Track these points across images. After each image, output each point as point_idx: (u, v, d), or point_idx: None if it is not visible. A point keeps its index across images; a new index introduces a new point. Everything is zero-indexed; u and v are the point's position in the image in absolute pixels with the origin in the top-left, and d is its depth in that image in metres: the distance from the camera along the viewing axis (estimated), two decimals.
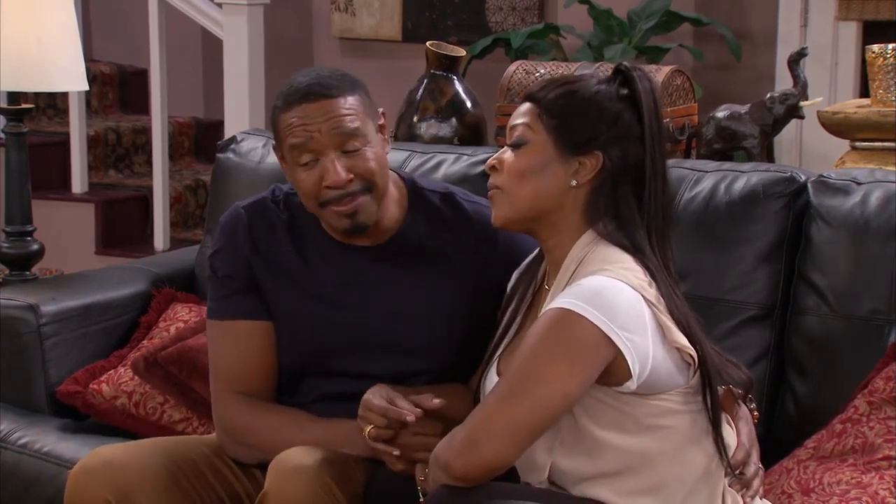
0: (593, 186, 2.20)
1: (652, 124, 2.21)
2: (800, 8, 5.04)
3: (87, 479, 2.40)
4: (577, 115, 2.21)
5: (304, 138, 2.40)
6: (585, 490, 2.16)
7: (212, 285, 2.55)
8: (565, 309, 2.08)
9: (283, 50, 5.77)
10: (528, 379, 2.07)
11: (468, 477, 2.06)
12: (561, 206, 2.21)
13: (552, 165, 2.20)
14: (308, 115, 2.40)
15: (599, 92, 2.22)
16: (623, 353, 2.07)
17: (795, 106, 3.50)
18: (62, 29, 3.43)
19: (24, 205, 3.50)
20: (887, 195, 2.68)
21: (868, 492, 2.35)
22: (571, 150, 2.19)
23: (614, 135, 2.19)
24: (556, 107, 2.22)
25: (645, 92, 2.21)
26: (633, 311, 2.09)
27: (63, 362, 3.06)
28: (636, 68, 2.25)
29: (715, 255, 2.75)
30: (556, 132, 2.20)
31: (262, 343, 2.51)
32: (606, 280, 2.11)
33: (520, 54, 4.93)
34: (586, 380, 2.08)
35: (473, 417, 2.09)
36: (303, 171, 2.42)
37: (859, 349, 2.61)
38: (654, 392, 2.13)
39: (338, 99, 2.42)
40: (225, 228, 2.55)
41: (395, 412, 2.29)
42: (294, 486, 2.26)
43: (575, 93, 2.22)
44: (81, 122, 5.33)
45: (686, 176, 2.85)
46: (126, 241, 5.39)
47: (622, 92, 2.22)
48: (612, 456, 2.14)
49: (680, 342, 2.13)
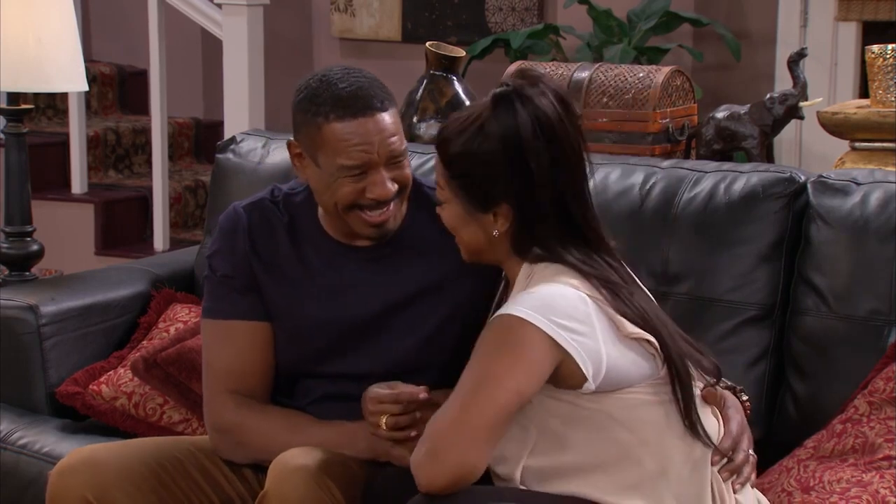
0: (514, 230, 2.23)
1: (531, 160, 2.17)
2: (799, 8, 5.04)
3: (67, 477, 2.39)
4: (474, 174, 2.22)
5: (362, 161, 2.37)
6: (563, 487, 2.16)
7: (209, 285, 2.55)
8: (510, 315, 2.11)
9: (282, 50, 5.77)
10: (477, 381, 2.09)
11: (433, 487, 2.07)
12: (493, 249, 2.26)
13: (469, 223, 2.26)
14: (366, 134, 2.36)
15: (479, 142, 2.20)
16: (571, 354, 2.09)
17: (795, 106, 3.50)
18: (62, 29, 3.43)
19: (23, 205, 3.50)
20: (887, 196, 2.68)
21: (868, 490, 2.35)
22: (480, 208, 2.23)
23: (514, 182, 2.19)
24: (455, 167, 2.24)
25: (524, 122, 2.17)
26: (578, 312, 2.12)
27: (62, 363, 3.06)
28: (514, 86, 2.20)
29: (714, 255, 2.75)
30: (461, 194, 2.24)
31: (259, 343, 2.51)
32: (549, 286, 2.15)
33: (519, 55, 4.93)
34: (536, 376, 2.10)
35: (431, 427, 2.10)
36: (345, 181, 2.39)
37: (859, 349, 2.61)
38: (622, 387, 2.15)
39: (389, 112, 2.40)
40: (224, 228, 2.55)
41: (406, 393, 2.31)
42: (294, 486, 2.26)
43: (467, 150, 2.21)
44: (81, 122, 5.32)
45: (685, 176, 2.85)
46: (125, 242, 5.39)
47: (507, 124, 2.19)
48: (588, 449, 2.15)
49: (634, 331, 2.15)
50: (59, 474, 2.41)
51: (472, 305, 2.46)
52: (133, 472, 2.40)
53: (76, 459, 2.42)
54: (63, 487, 2.39)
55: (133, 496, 2.39)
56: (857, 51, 4.93)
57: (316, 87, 2.39)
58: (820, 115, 3.60)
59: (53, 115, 5.87)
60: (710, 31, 5.05)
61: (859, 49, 4.88)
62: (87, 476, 2.38)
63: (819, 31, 5.00)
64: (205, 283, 2.57)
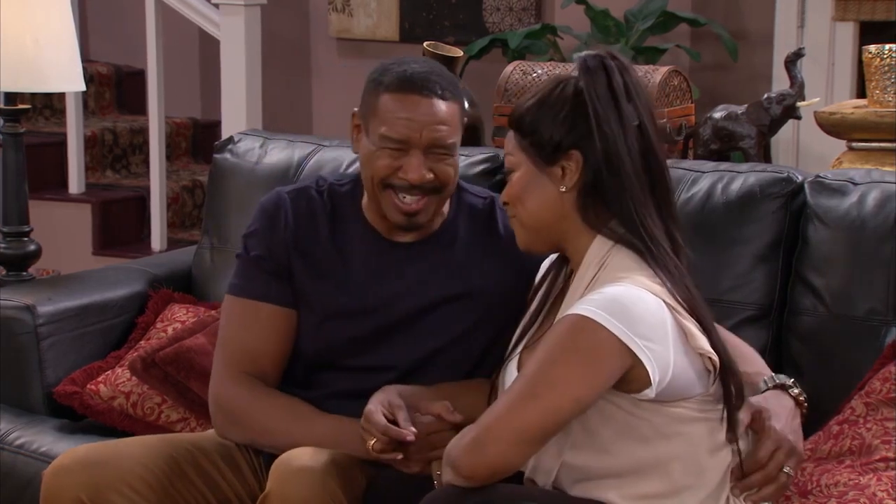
0: (583, 185, 2.20)
1: (605, 109, 2.16)
2: (797, 8, 5.04)
3: (61, 477, 2.39)
4: (542, 124, 2.21)
5: (402, 136, 2.39)
6: (592, 491, 2.15)
7: (241, 263, 2.54)
8: (583, 316, 2.07)
9: (280, 50, 5.77)
10: (539, 383, 2.07)
11: (473, 477, 2.06)
12: (561, 214, 2.21)
13: (537, 180, 2.22)
14: (414, 112, 2.38)
15: (555, 93, 2.22)
16: (643, 361, 2.06)
17: (792, 106, 3.50)
18: (59, 29, 3.43)
19: (20, 205, 3.50)
20: (884, 196, 2.68)
21: (866, 493, 2.35)
22: (547, 159, 2.21)
23: (585, 130, 2.18)
24: (525, 124, 2.24)
25: (591, 81, 2.17)
26: (654, 319, 2.09)
27: (60, 363, 3.06)
28: (596, 57, 2.21)
29: (712, 255, 2.75)
30: (530, 149, 2.22)
31: (281, 329, 2.50)
32: (626, 288, 2.10)
33: (517, 55, 4.93)
34: (599, 387, 2.08)
35: (484, 418, 2.09)
36: (384, 153, 2.41)
37: (856, 349, 2.62)
38: (674, 399, 2.13)
39: (447, 103, 2.41)
40: (266, 210, 2.54)
41: (395, 433, 2.28)
42: (297, 487, 2.26)
43: (536, 104, 2.23)
44: (78, 122, 5.32)
45: (683, 176, 2.85)
46: (123, 242, 5.39)
47: (579, 85, 2.20)
48: (623, 458, 2.14)
49: (703, 347, 2.12)
50: (53, 474, 2.41)
51: (506, 311, 2.43)
52: (128, 473, 2.39)
53: (70, 459, 2.41)
54: (57, 487, 2.39)
55: (128, 496, 2.38)
56: (854, 51, 4.93)
57: (389, 65, 2.44)
58: (817, 115, 3.61)
59: (51, 115, 5.86)
60: (708, 31, 5.05)
61: (856, 49, 4.88)
62: (82, 476, 2.37)
63: (816, 31, 5.00)
64: (236, 260, 2.56)
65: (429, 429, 2.32)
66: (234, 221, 3.27)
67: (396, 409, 2.32)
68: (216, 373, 2.52)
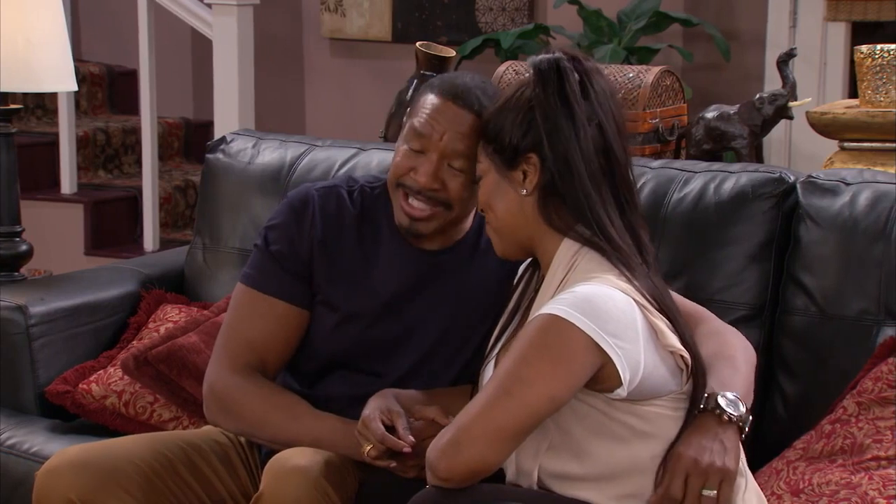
0: (542, 188, 2.21)
1: (555, 112, 2.17)
2: (789, 9, 5.04)
3: (52, 478, 2.39)
4: (502, 129, 2.23)
5: (426, 131, 2.39)
6: (574, 491, 2.16)
7: (259, 254, 2.53)
8: (554, 315, 2.08)
9: (272, 50, 5.77)
10: (512, 382, 2.07)
11: (451, 478, 2.06)
12: (526, 219, 2.23)
13: (502, 185, 2.24)
14: (443, 113, 2.39)
15: (514, 97, 2.23)
16: (613, 360, 2.07)
17: (784, 106, 3.51)
18: (51, 29, 3.42)
19: (12, 205, 3.49)
20: (876, 196, 2.68)
21: (857, 492, 2.35)
22: (508, 164, 2.22)
23: (540, 133, 2.19)
24: (488, 130, 2.26)
25: (542, 84, 2.18)
26: (625, 317, 2.09)
27: (52, 363, 3.06)
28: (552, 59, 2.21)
29: (704, 255, 2.75)
30: (494, 155, 2.24)
31: (292, 327, 2.50)
32: (597, 287, 2.11)
33: (509, 55, 4.93)
34: (573, 384, 2.08)
35: (459, 418, 2.09)
36: (404, 151, 2.43)
37: (848, 349, 2.62)
38: (647, 398, 2.13)
39: (479, 117, 2.38)
40: (293, 206, 2.53)
41: (392, 442, 2.28)
42: (290, 487, 2.26)
43: (497, 110, 2.25)
44: (70, 122, 5.32)
45: (675, 176, 2.85)
46: (115, 242, 5.38)
47: (536, 89, 2.21)
48: (602, 461, 2.14)
49: (674, 345, 2.13)
50: (44, 475, 2.40)
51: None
52: (120, 473, 2.39)
53: (61, 460, 2.41)
54: (48, 489, 2.38)
55: (120, 497, 2.38)
56: (846, 51, 4.94)
57: (448, 75, 2.47)
58: (809, 115, 3.61)
59: (43, 115, 5.86)
60: (700, 32, 5.05)
61: (848, 49, 4.89)
62: (73, 477, 2.37)
63: (808, 32, 5.01)
64: (254, 250, 2.55)
65: (422, 433, 2.31)
66: (227, 221, 3.27)
67: (395, 417, 2.31)
68: (216, 359, 2.51)
